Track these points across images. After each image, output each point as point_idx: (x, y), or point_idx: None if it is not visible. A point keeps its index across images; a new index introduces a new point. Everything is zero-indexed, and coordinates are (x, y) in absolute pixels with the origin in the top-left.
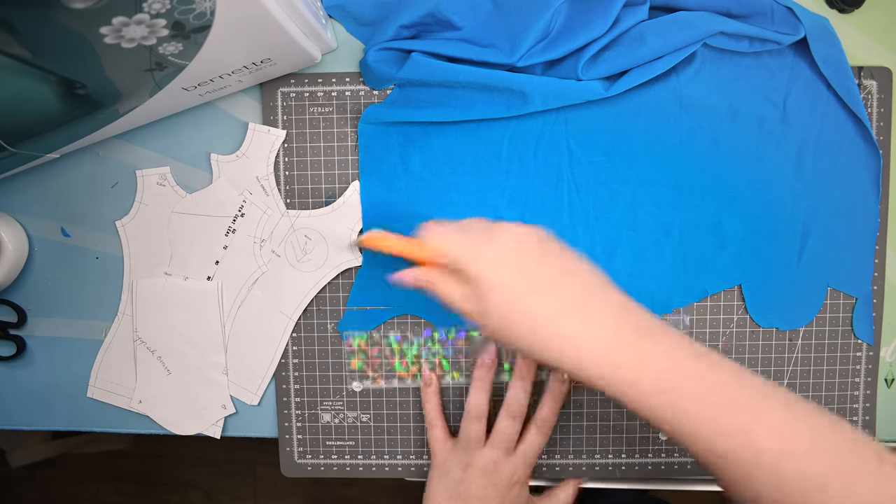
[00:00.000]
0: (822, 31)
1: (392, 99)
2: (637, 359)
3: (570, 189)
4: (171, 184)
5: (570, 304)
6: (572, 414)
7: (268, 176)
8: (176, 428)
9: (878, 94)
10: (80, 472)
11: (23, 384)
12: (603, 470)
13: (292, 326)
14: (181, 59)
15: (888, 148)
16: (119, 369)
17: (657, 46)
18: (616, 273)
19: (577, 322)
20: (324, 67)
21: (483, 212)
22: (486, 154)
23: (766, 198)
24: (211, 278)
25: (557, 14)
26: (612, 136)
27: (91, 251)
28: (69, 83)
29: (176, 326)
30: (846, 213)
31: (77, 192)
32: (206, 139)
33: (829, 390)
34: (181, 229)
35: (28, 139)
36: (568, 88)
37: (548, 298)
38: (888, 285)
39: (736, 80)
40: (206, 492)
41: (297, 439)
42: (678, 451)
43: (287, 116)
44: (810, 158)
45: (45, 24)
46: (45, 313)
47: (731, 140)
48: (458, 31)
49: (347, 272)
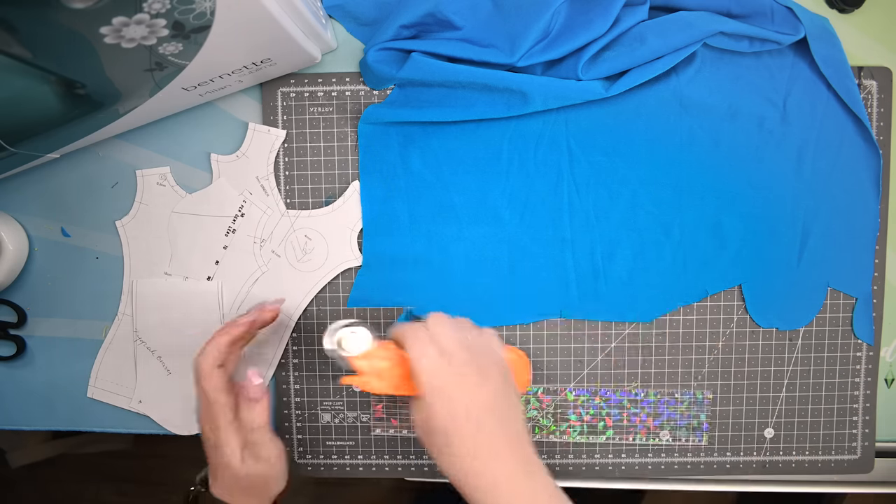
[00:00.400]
0: (822, 31)
1: (392, 99)
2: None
3: (570, 189)
4: (171, 184)
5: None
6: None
7: (268, 176)
8: (176, 428)
9: (878, 94)
10: (80, 472)
11: (23, 384)
12: (603, 470)
13: (292, 326)
14: (181, 59)
15: (888, 148)
16: (119, 369)
17: (657, 46)
18: (616, 273)
19: (492, 465)
20: (324, 67)
21: (483, 212)
22: (486, 154)
23: (766, 198)
24: (211, 278)
25: (557, 14)
26: (612, 136)
27: (91, 251)
28: (69, 83)
29: (176, 326)
30: (846, 213)
31: (77, 192)
32: (206, 139)
33: (829, 390)
34: (181, 229)
35: (28, 139)
36: (568, 88)
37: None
38: (888, 285)
39: (736, 80)
40: None
41: (297, 439)
42: (678, 451)
43: (287, 116)
44: (810, 158)
45: (45, 24)
46: (45, 313)
47: (731, 140)
48: (458, 31)
49: (347, 272)
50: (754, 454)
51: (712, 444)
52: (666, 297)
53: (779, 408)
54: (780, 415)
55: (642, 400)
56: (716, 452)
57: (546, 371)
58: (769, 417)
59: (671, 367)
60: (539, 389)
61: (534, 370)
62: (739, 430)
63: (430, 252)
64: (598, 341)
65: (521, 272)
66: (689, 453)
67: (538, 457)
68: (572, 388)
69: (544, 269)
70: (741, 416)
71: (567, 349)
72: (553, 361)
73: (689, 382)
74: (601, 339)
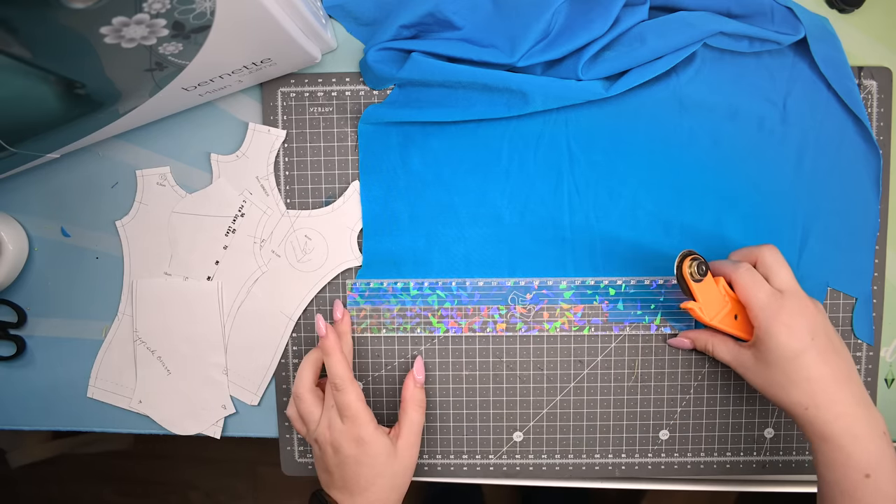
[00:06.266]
0: (822, 31)
1: (392, 99)
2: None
3: (570, 189)
4: (171, 184)
5: (839, 375)
6: (572, 414)
7: (268, 176)
8: (176, 428)
9: (878, 94)
10: (80, 472)
11: (23, 384)
12: (603, 470)
13: (292, 326)
14: (181, 59)
15: (888, 148)
16: (119, 369)
17: (657, 46)
18: (616, 273)
19: (844, 392)
20: (324, 67)
21: (483, 212)
22: (486, 154)
23: (765, 198)
24: (211, 278)
25: (557, 14)
26: (612, 136)
27: (91, 251)
28: (69, 83)
29: (176, 326)
30: (846, 213)
31: (77, 192)
32: (206, 139)
33: None
34: (181, 229)
35: (28, 139)
36: (568, 88)
37: (825, 367)
38: (888, 285)
39: (736, 80)
40: (206, 492)
41: (297, 439)
42: (678, 451)
43: (287, 116)
44: (810, 158)
45: (45, 24)
46: (45, 313)
47: (731, 140)
48: (458, 31)
49: (347, 272)
50: (754, 454)
51: (712, 443)
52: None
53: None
54: (780, 415)
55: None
56: (716, 452)
57: (546, 371)
58: (769, 417)
59: (671, 367)
60: None
61: (533, 370)
62: (739, 430)
63: (430, 252)
64: (598, 341)
65: (521, 272)
66: (689, 453)
67: None
68: None
69: (544, 269)
70: (741, 416)
71: (567, 349)
72: (553, 362)
73: (689, 383)
74: (601, 339)
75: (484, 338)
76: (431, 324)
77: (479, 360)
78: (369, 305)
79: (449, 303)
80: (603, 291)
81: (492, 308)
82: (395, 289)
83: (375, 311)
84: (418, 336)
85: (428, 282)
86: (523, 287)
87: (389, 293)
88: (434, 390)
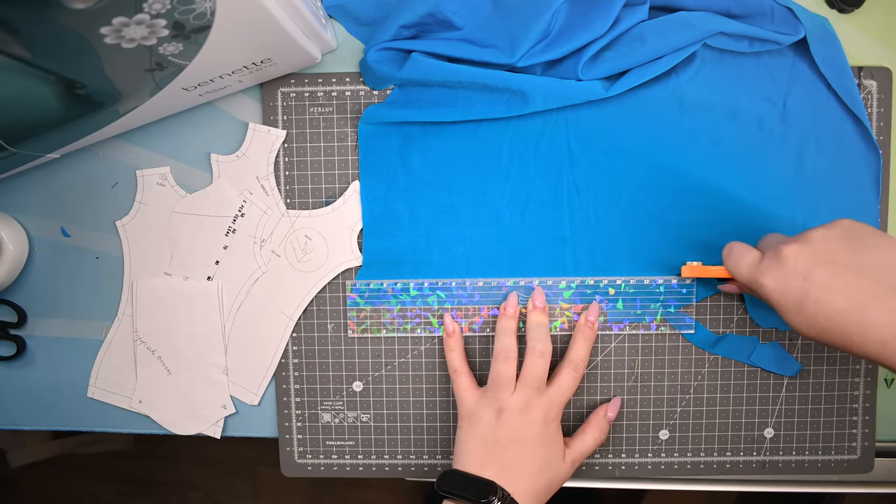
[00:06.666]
0: (821, 31)
1: (392, 99)
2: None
3: (570, 189)
4: (171, 184)
5: (858, 297)
6: (572, 414)
7: (268, 176)
8: (176, 428)
9: (878, 94)
10: (80, 472)
11: (23, 384)
12: (603, 470)
13: (292, 326)
14: (181, 59)
15: (888, 148)
16: (119, 369)
17: (657, 46)
18: (616, 273)
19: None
20: (324, 67)
21: (483, 212)
22: (486, 154)
23: (765, 198)
24: (211, 278)
25: (557, 14)
26: (612, 136)
27: (91, 251)
28: (69, 83)
29: (176, 326)
30: (846, 213)
31: (77, 192)
32: (206, 139)
33: (829, 390)
34: (181, 229)
35: (28, 139)
36: (568, 88)
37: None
38: None
39: (736, 80)
40: (206, 492)
41: (297, 439)
42: (678, 451)
43: (287, 116)
44: (810, 158)
45: (45, 24)
46: (45, 313)
47: (731, 140)
48: (458, 31)
49: (347, 272)
50: (754, 454)
51: (712, 443)
52: None
53: (779, 408)
54: (780, 415)
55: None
56: (716, 452)
57: None
58: (769, 417)
59: (671, 367)
60: None
61: None
62: (739, 430)
63: (430, 252)
64: (599, 341)
65: (521, 272)
66: (689, 453)
67: None
68: None
69: (544, 269)
70: (741, 416)
71: (567, 349)
72: (553, 362)
73: (688, 383)
74: (601, 339)
75: (484, 338)
76: (431, 324)
77: (479, 361)
78: (369, 306)
79: (449, 303)
80: (603, 291)
81: (492, 308)
82: (395, 289)
83: (375, 311)
84: (418, 336)
85: (428, 282)
86: (523, 287)
87: (389, 294)
88: (434, 390)
